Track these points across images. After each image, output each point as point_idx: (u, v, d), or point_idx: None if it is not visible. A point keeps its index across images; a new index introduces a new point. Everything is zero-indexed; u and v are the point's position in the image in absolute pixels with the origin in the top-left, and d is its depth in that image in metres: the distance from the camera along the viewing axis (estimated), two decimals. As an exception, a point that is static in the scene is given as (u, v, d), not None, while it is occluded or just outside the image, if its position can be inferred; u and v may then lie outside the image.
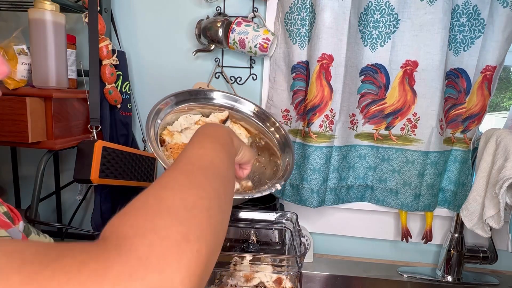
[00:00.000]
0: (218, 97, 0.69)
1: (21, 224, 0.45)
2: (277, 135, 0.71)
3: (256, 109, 0.72)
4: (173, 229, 0.24)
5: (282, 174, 0.63)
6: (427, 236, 0.92)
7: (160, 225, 0.24)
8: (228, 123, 0.69)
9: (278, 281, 0.65)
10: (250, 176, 0.67)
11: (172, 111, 0.62)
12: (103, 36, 0.79)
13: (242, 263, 0.63)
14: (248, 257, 0.63)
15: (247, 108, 0.71)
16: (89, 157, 0.69)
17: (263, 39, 0.83)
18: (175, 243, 0.23)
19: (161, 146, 0.60)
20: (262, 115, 0.72)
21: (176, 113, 0.63)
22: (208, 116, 0.68)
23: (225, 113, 0.69)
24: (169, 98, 0.62)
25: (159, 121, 0.59)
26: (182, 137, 0.61)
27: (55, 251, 0.21)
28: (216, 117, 0.68)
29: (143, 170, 0.86)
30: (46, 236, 0.53)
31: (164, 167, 0.52)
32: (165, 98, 0.61)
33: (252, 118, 0.71)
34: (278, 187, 0.59)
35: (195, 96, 0.66)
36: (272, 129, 0.71)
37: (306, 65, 0.85)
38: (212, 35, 0.86)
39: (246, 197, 0.54)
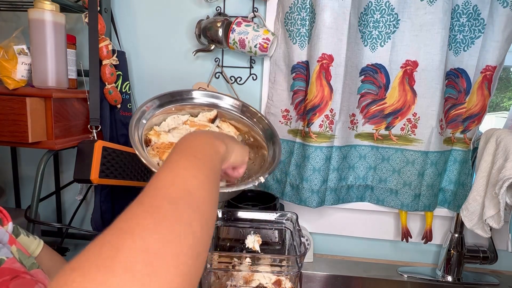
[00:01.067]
0: (200, 97, 0.68)
1: (10, 225, 0.46)
2: (261, 125, 0.70)
3: (239, 104, 0.71)
4: None
5: (267, 166, 0.63)
6: (427, 236, 0.92)
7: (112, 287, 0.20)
8: (217, 122, 0.69)
9: (278, 283, 0.65)
10: None
11: (159, 113, 0.61)
12: (103, 36, 0.79)
13: (241, 263, 0.63)
14: (248, 257, 0.63)
15: (232, 105, 0.70)
16: (89, 157, 0.69)
17: (263, 39, 0.83)
18: None
19: (147, 146, 0.59)
20: (244, 109, 0.71)
21: (164, 114, 0.62)
22: (196, 116, 0.67)
23: (214, 112, 0.68)
24: (152, 101, 0.61)
25: (144, 121, 0.57)
26: (169, 136, 0.60)
27: None
28: (204, 116, 0.67)
29: (143, 170, 0.86)
30: (36, 238, 0.53)
31: (149, 168, 0.50)
32: (149, 101, 0.61)
33: (238, 115, 0.70)
34: (262, 179, 0.57)
35: (179, 97, 0.65)
36: (255, 120, 0.70)
37: (306, 65, 0.85)
38: (212, 35, 0.86)
39: (229, 190, 0.54)
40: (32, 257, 0.47)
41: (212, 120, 0.68)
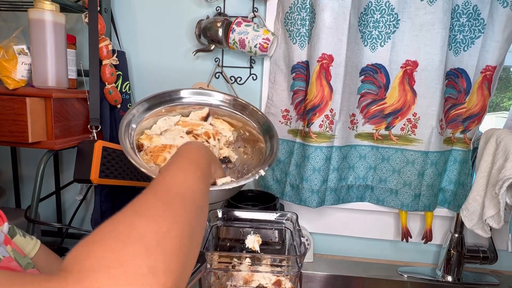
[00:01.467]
0: (190, 96, 0.67)
1: (5, 225, 0.46)
2: (254, 118, 0.68)
3: (231, 99, 0.70)
4: (141, 261, 0.23)
5: (266, 159, 0.62)
6: (427, 236, 0.92)
7: (127, 256, 0.23)
8: (210, 120, 0.68)
9: (278, 283, 0.65)
10: (239, 169, 0.67)
11: (149, 116, 0.60)
12: (103, 36, 0.79)
13: (241, 263, 0.63)
14: (248, 257, 0.63)
15: (223, 100, 0.69)
16: (89, 157, 0.69)
17: (263, 39, 0.83)
18: (141, 276, 0.23)
19: (140, 151, 0.58)
20: (238, 104, 0.70)
21: (154, 117, 0.61)
22: (188, 115, 0.66)
23: (205, 110, 0.67)
24: (140, 104, 0.60)
25: (134, 126, 0.57)
26: (161, 139, 0.59)
27: (10, 284, 0.20)
28: (196, 115, 0.66)
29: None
30: (33, 238, 0.53)
31: (144, 173, 0.50)
32: (137, 104, 0.60)
33: (230, 110, 0.69)
34: (262, 172, 0.57)
35: (168, 98, 0.64)
36: (247, 112, 0.69)
37: (306, 65, 0.85)
38: (212, 35, 0.86)
39: (231, 186, 0.53)
40: (28, 257, 0.47)
41: (205, 119, 0.67)
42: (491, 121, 1.08)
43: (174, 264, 0.25)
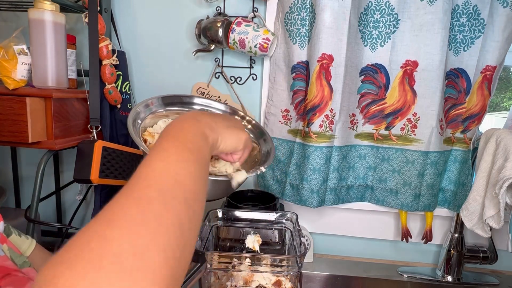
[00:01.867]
0: (195, 102, 0.71)
1: (1, 224, 0.46)
2: (249, 126, 0.72)
3: (227, 110, 0.74)
4: (118, 284, 0.20)
5: (264, 160, 0.64)
6: (427, 236, 0.92)
7: (101, 280, 0.20)
8: None
9: (278, 283, 0.65)
10: None
11: (150, 116, 0.63)
12: (103, 36, 0.79)
13: (241, 263, 0.63)
14: (248, 257, 0.63)
15: (221, 110, 0.73)
16: (89, 157, 0.69)
17: (263, 39, 0.83)
18: None
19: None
20: (231, 112, 0.74)
21: (155, 118, 0.64)
22: None
23: None
24: (155, 99, 0.63)
25: (139, 121, 0.59)
26: None
27: None
28: None
29: (143, 170, 0.85)
30: (28, 237, 0.53)
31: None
32: (149, 99, 0.63)
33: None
34: (263, 169, 0.59)
35: (170, 101, 0.68)
36: (244, 122, 0.73)
37: (306, 65, 0.85)
38: (212, 35, 0.86)
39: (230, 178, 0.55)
40: (24, 256, 0.47)
41: None
42: (491, 121, 1.08)
43: (159, 277, 0.22)
